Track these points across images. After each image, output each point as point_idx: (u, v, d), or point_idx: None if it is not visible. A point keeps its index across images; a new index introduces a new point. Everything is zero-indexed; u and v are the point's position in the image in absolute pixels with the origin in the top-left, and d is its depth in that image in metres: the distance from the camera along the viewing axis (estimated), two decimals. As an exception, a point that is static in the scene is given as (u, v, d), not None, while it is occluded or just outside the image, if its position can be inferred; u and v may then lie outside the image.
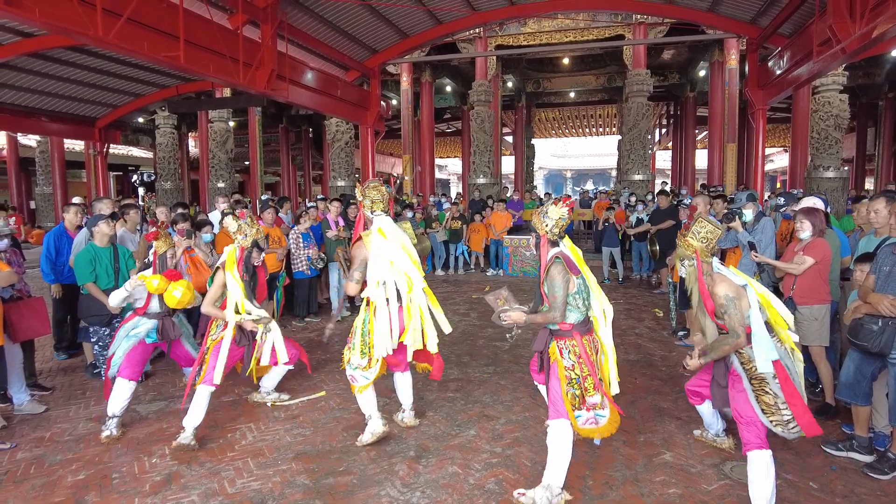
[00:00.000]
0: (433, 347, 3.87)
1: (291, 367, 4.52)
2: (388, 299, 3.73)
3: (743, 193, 5.12)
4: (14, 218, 15.47)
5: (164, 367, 5.66)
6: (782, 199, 6.75)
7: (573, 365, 3.14)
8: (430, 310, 3.90)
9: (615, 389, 3.31)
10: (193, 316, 6.01)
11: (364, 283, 3.81)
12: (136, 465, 3.64)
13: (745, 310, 3.11)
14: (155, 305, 4.27)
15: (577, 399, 3.13)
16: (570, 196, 3.53)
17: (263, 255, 4.23)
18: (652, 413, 4.40)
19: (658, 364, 5.61)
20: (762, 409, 3.05)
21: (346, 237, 7.71)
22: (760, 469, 2.98)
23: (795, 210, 4.86)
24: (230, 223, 4.19)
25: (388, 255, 3.70)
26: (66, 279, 5.68)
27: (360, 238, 3.84)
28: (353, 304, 8.18)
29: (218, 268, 4.09)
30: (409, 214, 10.49)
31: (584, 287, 3.25)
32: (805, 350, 4.39)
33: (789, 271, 4.35)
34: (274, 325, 4.24)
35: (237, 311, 4.02)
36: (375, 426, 3.87)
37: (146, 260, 4.51)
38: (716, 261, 3.30)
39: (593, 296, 3.31)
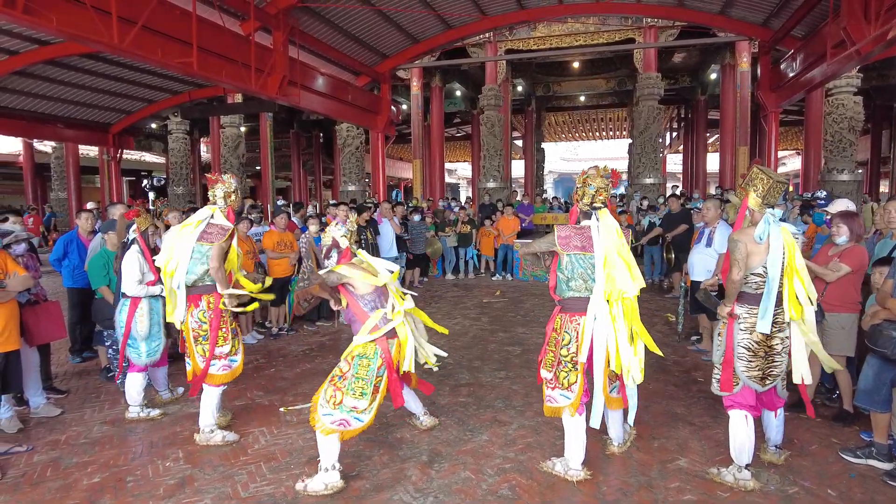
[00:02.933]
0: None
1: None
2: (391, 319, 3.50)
3: None
4: (32, 219, 15.68)
5: (177, 371, 5.69)
6: (823, 193, 6.48)
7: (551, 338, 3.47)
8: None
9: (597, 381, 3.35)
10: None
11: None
12: (150, 469, 3.67)
13: (752, 259, 3.25)
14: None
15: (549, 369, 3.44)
16: (617, 169, 3.50)
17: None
18: (666, 418, 4.36)
19: (671, 369, 5.56)
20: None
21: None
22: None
23: (829, 212, 4.72)
24: (228, 182, 4.12)
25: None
26: (76, 283, 5.74)
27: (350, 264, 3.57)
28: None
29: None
30: (417, 218, 10.50)
31: (579, 267, 3.34)
32: None
33: (822, 276, 4.08)
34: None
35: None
36: (334, 478, 3.35)
37: (125, 239, 4.48)
38: (772, 214, 3.27)
39: (597, 280, 3.28)
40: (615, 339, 3.28)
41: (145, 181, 18.65)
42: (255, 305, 4.71)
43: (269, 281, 4.45)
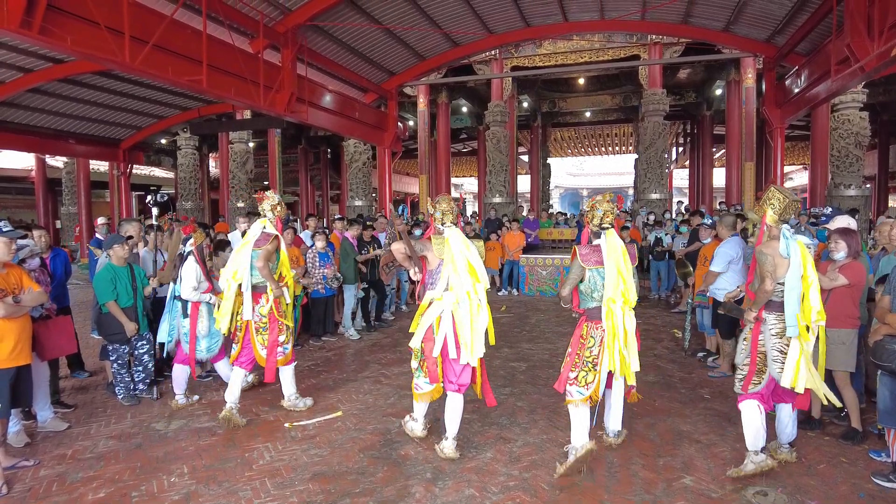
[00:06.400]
0: (475, 361, 3.97)
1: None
2: (458, 302, 3.88)
3: None
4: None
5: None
6: (829, 210, 6.39)
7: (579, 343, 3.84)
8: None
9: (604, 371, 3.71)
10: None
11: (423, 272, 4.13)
12: (155, 484, 3.67)
13: (779, 270, 3.53)
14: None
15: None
16: (621, 194, 3.89)
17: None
18: (671, 436, 4.33)
19: (677, 385, 5.53)
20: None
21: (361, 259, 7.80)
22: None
23: (829, 228, 4.74)
24: (271, 196, 4.80)
25: (452, 262, 3.89)
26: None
27: (429, 238, 4.08)
28: (368, 322, 8.21)
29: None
30: (417, 233, 10.52)
31: (600, 279, 3.73)
32: (829, 374, 4.29)
33: (820, 283, 4.14)
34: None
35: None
36: (416, 427, 4.27)
37: (181, 251, 5.17)
38: (788, 230, 3.58)
39: (606, 286, 3.68)
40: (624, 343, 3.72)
41: (149, 197, 18.65)
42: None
43: (298, 289, 5.16)
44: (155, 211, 5.84)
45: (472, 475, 3.75)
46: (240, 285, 4.59)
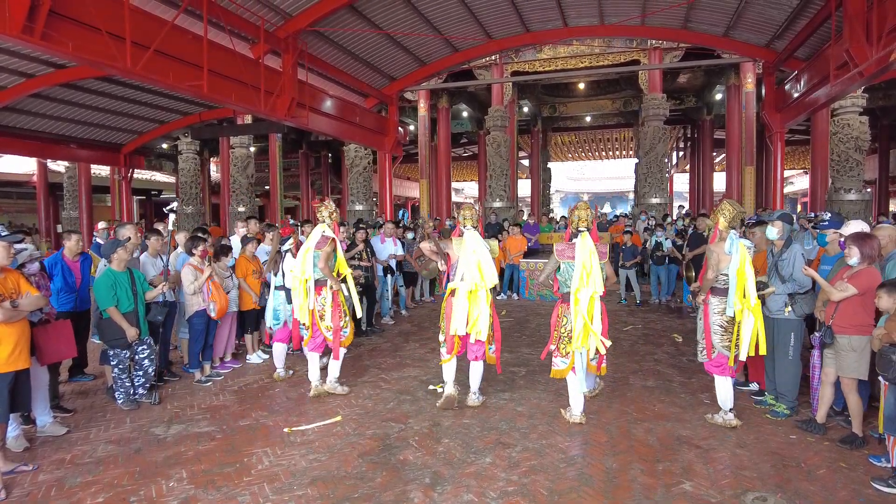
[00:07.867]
0: (482, 336, 4.85)
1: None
2: (470, 291, 4.76)
3: (777, 213, 5.08)
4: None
5: (182, 389, 5.73)
6: (828, 215, 6.32)
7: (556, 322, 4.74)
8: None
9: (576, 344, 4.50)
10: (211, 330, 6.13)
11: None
12: (153, 489, 3.67)
13: (721, 263, 4.46)
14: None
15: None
16: (597, 204, 4.53)
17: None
18: (671, 441, 4.33)
19: (677, 391, 5.52)
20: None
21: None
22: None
23: (837, 233, 4.78)
24: (329, 205, 5.45)
25: (466, 258, 4.80)
26: (61, 307, 5.46)
27: (450, 238, 5.10)
28: (371, 325, 8.21)
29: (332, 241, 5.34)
30: (410, 236, 10.53)
31: (570, 271, 4.58)
32: (837, 379, 4.28)
33: (828, 293, 4.20)
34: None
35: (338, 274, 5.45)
36: (448, 389, 5.02)
37: (281, 249, 6.01)
38: (734, 234, 4.45)
39: (573, 278, 4.50)
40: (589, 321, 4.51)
41: (173, 204, 18.60)
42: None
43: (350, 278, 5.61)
44: (172, 217, 5.98)
45: (470, 480, 3.74)
46: (307, 281, 5.28)
